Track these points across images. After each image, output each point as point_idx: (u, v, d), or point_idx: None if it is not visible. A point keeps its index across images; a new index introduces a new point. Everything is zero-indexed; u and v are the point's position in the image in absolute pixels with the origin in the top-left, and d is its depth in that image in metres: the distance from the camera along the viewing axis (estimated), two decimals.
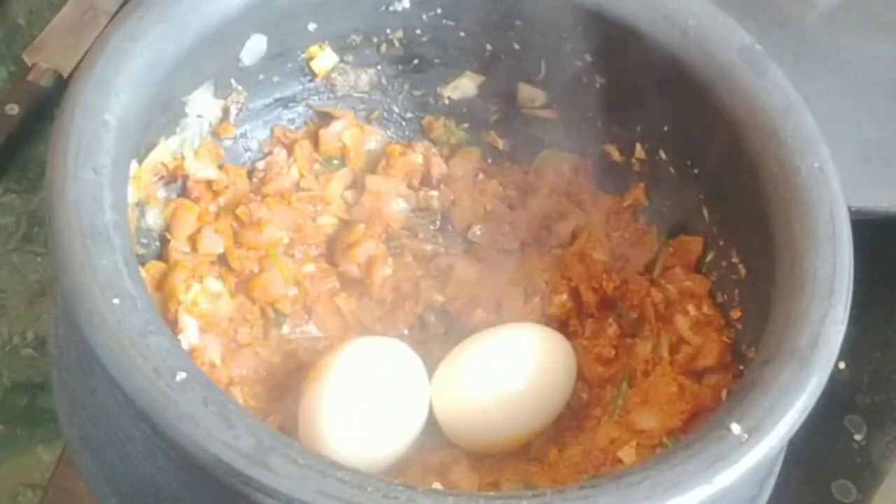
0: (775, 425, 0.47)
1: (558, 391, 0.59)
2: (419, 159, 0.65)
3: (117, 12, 0.78)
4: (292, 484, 0.43)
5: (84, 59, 0.53)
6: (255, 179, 0.64)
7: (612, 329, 0.62)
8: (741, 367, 0.57)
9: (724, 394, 0.57)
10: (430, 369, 0.59)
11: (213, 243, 0.60)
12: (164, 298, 0.57)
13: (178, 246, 0.60)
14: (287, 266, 0.61)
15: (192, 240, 0.60)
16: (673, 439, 0.56)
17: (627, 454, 0.57)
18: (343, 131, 0.65)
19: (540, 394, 0.58)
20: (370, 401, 0.56)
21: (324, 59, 0.64)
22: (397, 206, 0.64)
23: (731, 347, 0.59)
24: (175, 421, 0.44)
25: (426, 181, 0.65)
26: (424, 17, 0.63)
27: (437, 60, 0.65)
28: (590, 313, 0.62)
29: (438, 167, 0.65)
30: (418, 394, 0.58)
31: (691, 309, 0.61)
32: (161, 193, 0.60)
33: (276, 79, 0.63)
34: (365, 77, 0.66)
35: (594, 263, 0.63)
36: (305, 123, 0.66)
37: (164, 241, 0.60)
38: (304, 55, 0.63)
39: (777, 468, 0.56)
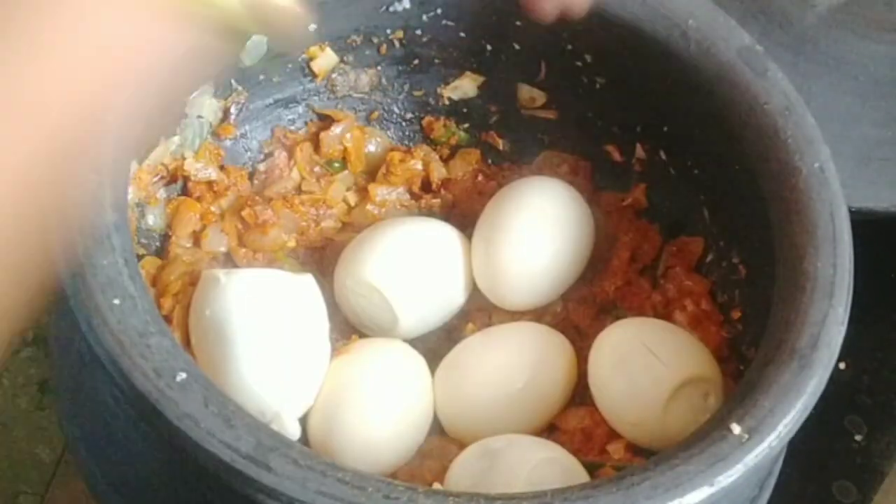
0: (775, 425, 0.47)
1: (558, 388, 0.59)
2: (419, 165, 0.65)
3: None
4: (293, 484, 0.43)
5: None
6: (256, 181, 0.64)
7: None
8: (741, 367, 0.57)
9: None
10: (432, 367, 0.59)
11: (218, 241, 0.60)
12: (156, 294, 0.57)
13: (180, 241, 0.60)
14: (294, 268, 0.61)
15: (196, 236, 0.60)
16: None
17: (616, 449, 0.57)
18: (344, 134, 0.65)
19: (540, 391, 0.58)
20: (377, 401, 0.56)
21: (324, 59, 0.64)
22: (399, 216, 0.64)
23: (729, 342, 0.59)
24: (175, 421, 0.44)
25: (426, 186, 0.65)
26: (424, 17, 0.63)
27: (437, 61, 0.65)
28: (589, 318, 0.62)
29: (438, 171, 0.65)
30: (422, 392, 0.58)
31: (689, 305, 0.61)
32: (161, 194, 0.60)
33: (276, 79, 0.63)
34: (365, 77, 0.66)
35: (594, 265, 0.63)
36: (306, 124, 0.66)
37: (165, 242, 0.60)
38: (304, 55, 0.63)
39: (777, 468, 0.56)
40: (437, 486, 0.54)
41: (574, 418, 0.59)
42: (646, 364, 0.56)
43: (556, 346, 0.60)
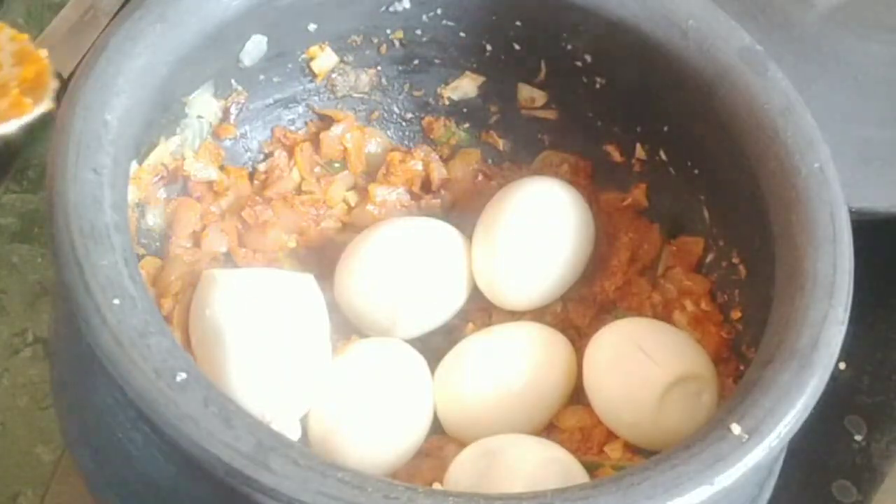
0: (775, 426, 0.47)
1: (558, 388, 0.59)
2: (419, 166, 0.65)
3: (117, 12, 0.78)
4: (293, 485, 0.43)
5: (84, 59, 0.53)
6: (256, 182, 0.64)
7: None
8: (741, 367, 0.57)
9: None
10: (432, 367, 0.59)
11: (218, 242, 0.60)
12: (156, 294, 0.57)
13: (180, 241, 0.60)
14: (294, 268, 0.61)
15: (196, 236, 0.61)
16: None
17: (613, 449, 0.57)
18: (344, 134, 0.65)
19: (540, 391, 0.58)
20: (377, 402, 0.56)
21: (324, 59, 0.64)
22: (399, 216, 0.64)
23: (729, 343, 0.59)
24: (175, 421, 0.44)
25: (426, 187, 0.65)
26: (424, 17, 0.63)
27: (437, 61, 0.65)
28: (588, 318, 0.62)
29: (438, 172, 0.65)
30: (422, 393, 0.58)
31: (689, 305, 0.61)
32: (161, 194, 0.60)
33: (276, 79, 0.63)
34: (365, 77, 0.66)
35: (594, 265, 0.63)
36: (306, 124, 0.66)
37: (165, 242, 0.60)
38: (304, 55, 0.63)
39: (777, 468, 0.56)
40: (437, 485, 0.54)
41: (572, 417, 0.59)
42: (638, 363, 0.56)
43: (556, 345, 0.60)
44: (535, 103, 0.66)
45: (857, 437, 0.70)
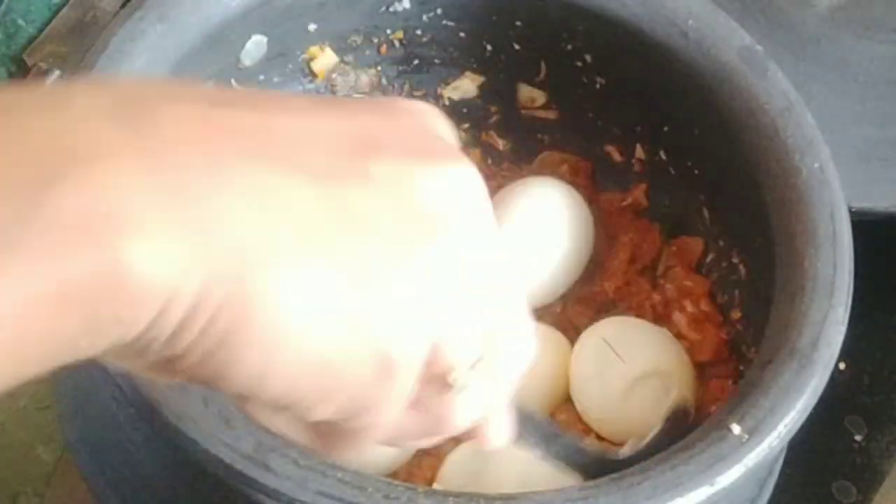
0: (776, 426, 0.47)
1: (557, 387, 0.59)
2: None
3: (117, 12, 0.78)
4: (293, 485, 0.43)
5: (84, 59, 0.53)
6: None
7: None
8: (741, 367, 0.57)
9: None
10: None
11: None
12: None
13: None
14: None
15: None
16: None
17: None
18: None
19: (538, 390, 0.58)
20: None
21: (324, 59, 0.64)
22: None
23: (729, 343, 0.59)
24: (175, 421, 0.44)
25: None
26: (424, 17, 0.63)
27: (437, 61, 0.65)
28: (588, 318, 0.62)
29: None
30: None
31: (689, 305, 0.61)
32: None
33: (276, 79, 0.63)
34: (365, 77, 0.66)
35: (594, 265, 0.63)
36: None
37: None
38: (304, 56, 0.63)
39: (777, 468, 0.56)
40: (436, 485, 0.54)
41: (562, 415, 0.59)
42: (608, 361, 0.57)
43: (554, 345, 0.60)
44: (535, 103, 0.66)
45: (857, 437, 0.70)
